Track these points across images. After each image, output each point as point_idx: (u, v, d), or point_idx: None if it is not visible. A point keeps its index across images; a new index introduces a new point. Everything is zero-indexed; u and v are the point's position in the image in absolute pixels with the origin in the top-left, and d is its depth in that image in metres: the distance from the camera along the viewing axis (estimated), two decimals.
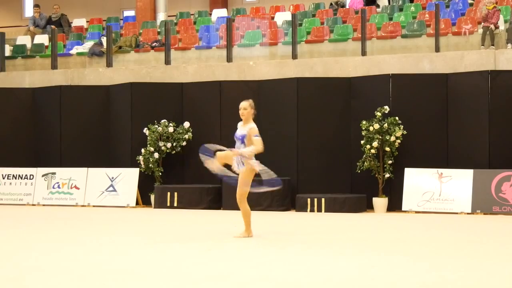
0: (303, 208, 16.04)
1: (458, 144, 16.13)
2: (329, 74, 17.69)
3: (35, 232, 12.41)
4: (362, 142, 16.12)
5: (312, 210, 15.89)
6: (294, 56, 18.64)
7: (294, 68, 18.19)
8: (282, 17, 22.01)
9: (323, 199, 15.88)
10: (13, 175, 18.30)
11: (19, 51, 22.37)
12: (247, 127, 10.88)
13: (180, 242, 11.02)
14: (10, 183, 18.30)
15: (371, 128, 15.94)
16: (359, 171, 16.22)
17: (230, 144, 17.04)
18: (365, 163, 16.08)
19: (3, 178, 18.34)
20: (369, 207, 16.28)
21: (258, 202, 16.23)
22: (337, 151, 16.91)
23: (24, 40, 23.23)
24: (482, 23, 18.08)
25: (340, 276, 8.02)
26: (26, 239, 11.42)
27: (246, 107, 11.00)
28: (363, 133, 16.08)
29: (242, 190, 10.84)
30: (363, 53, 18.22)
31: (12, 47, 22.58)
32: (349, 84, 16.97)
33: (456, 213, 15.29)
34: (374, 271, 8.32)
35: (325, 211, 15.79)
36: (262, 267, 8.64)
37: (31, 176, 18.18)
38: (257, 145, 10.77)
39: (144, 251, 10.03)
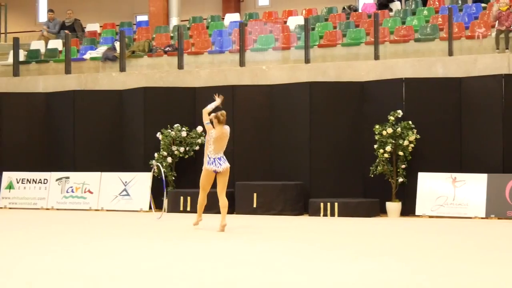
0: (316, 213, 15.98)
1: (472, 148, 16.07)
2: (341, 78, 17.64)
3: (48, 236, 12.43)
4: (375, 146, 16.05)
5: (325, 215, 15.84)
6: (307, 60, 18.62)
7: (306, 72, 18.15)
8: (295, 22, 21.98)
9: (336, 204, 15.82)
10: (27, 179, 18.36)
11: (33, 56, 22.43)
12: (226, 128, 12.94)
13: (191, 246, 11.07)
14: (24, 187, 18.35)
15: (384, 132, 15.89)
16: (372, 176, 16.16)
17: (244, 146, 17.13)
18: (378, 167, 16.02)
19: (17, 182, 18.40)
20: (382, 211, 16.21)
21: (271, 207, 16.29)
22: (349, 155, 16.86)
23: (38, 45, 23.28)
24: (496, 26, 17.99)
25: (351, 280, 8.02)
26: (39, 242, 11.44)
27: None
28: (376, 138, 16.01)
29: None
30: (376, 57, 18.17)
31: (26, 52, 22.63)
32: (362, 88, 16.93)
33: (470, 217, 15.20)
34: (386, 275, 8.32)
35: (338, 216, 15.71)
36: (273, 271, 8.66)
37: (45, 181, 18.23)
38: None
39: (154, 255, 10.05)
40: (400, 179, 16.00)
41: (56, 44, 23.01)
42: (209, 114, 12.89)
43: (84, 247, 10.94)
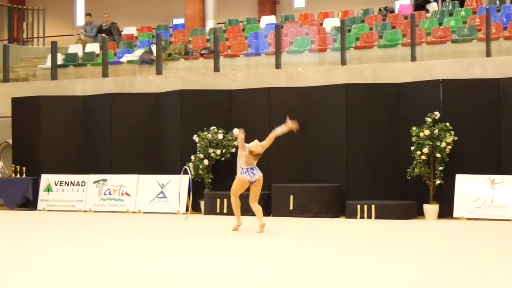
0: (352, 215, 15.91)
1: (510, 150, 15.86)
2: (378, 80, 17.54)
3: (87, 238, 12.49)
4: (412, 148, 15.94)
5: (362, 217, 15.76)
6: (343, 62, 18.56)
7: (343, 74, 18.07)
8: (331, 23, 21.91)
9: (373, 206, 15.74)
10: (65, 182, 18.50)
11: (71, 59, 22.59)
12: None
13: (228, 247, 11.08)
14: (63, 190, 18.48)
15: (421, 134, 15.78)
16: (409, 178, 16.05)
17: (280, 149, 17.11)
18: (416, 169, 15.89)
19: (56, 185, 18.55)
20: (419, 214, 16.08)
21: (307, 209, 16.26)
22: (386, 157, 16.76)
23: (75, 48, 23.45)
24: None
25: (391, 283, 7.98)
26: (78, 245, 11.48)
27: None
28: (413, 139, 15.90)
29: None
30: (413, 58, 18.03)
31: (64, 56, 22.81)
32: (399, 90, 16.80)
33: (509, 220, 15.00)
34: (423, 278, 8.26)
35: (375, 218, 15.63)
36: (312, 274, 8.62)
37: (83, 183, 18.35)
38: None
39: (192, 257, 10.04)
40: (438, 181, 15.87)
41: (93, 47, 23.17)
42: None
43: (125, 249, 10.99)
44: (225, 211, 16.61)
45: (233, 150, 17.30)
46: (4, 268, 9.11)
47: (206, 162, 17.35)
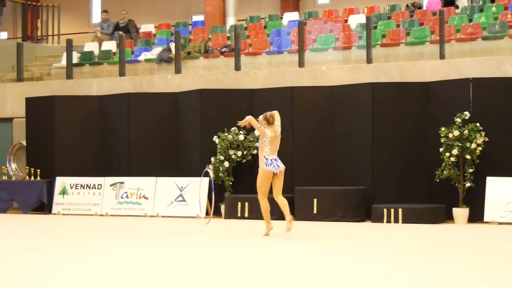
0: (379, 219, 15.58)
1: None
2: (405, 78, 17.25)
3: (102, 243, 12.38)
4: (441, 149, 15.61)
5: (388, 221, 15.43)
6: (369, 60, 18.27)
7: (368, 73, 17.80)
8: (356, 20, 21.58)
9: (400, 210, 15.40)
10: (81, 185, 18.26)
11: (87, 58, 22.43)
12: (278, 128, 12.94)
13: (250, 252, 11.03)
14: (78, 193, 18.23)
15: (450, 135, 15.45)
16: (438, 180, 15.65)
17: (303, 150, 16.78)
18: (445, 171, 15.55)
19: (71, 188, 18.30)
20: (448, 218, 15.75)
21: (332, 213, 16.03)
22: (414, 159, 16.45)
23: (91, 46, 23.31)
24: None
25: None
26: (91, 250, 11.42)
27: None
28: (442, 140, 15.58)
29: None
30: (442, 56, 17.70)
31: (79, 54, 22.69)
32: (427, 89, 16.48)
33: None
34: (455, 284, 8.15)
35: (402, 222, 15.30)
36: (335, 279, 8.56)
37: (99, 186, 18.10)
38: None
39: (213, 263, 9.92)
40: (468, 184, 15.53)
41: (110, 45, 23.01)
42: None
43: (140, 254, 10.86)
44: (246, 215, 16.43)
45: (255, 151, 16.97)
46: (13, 274, 9.06)
47: (226, 164, 17.06)
